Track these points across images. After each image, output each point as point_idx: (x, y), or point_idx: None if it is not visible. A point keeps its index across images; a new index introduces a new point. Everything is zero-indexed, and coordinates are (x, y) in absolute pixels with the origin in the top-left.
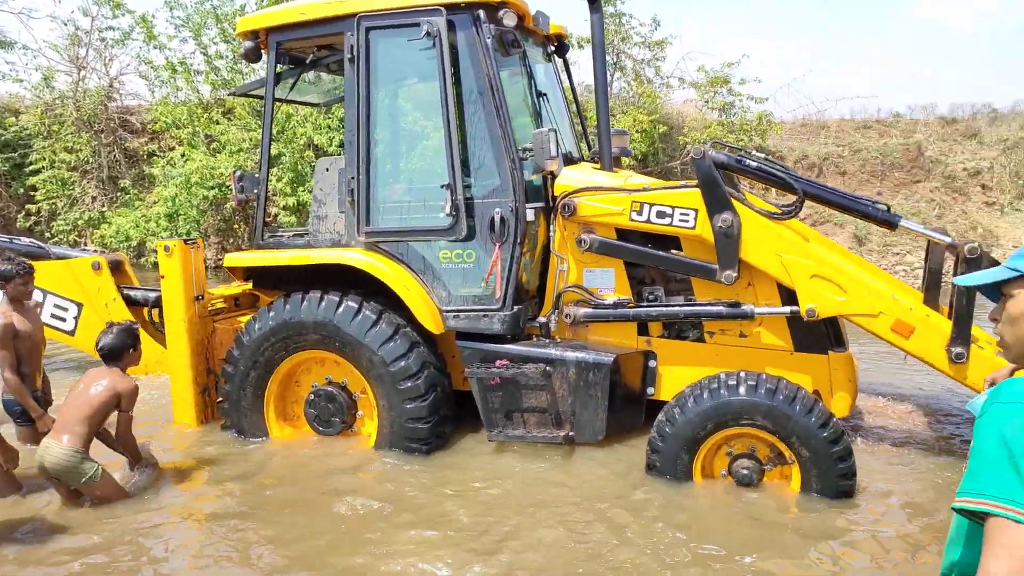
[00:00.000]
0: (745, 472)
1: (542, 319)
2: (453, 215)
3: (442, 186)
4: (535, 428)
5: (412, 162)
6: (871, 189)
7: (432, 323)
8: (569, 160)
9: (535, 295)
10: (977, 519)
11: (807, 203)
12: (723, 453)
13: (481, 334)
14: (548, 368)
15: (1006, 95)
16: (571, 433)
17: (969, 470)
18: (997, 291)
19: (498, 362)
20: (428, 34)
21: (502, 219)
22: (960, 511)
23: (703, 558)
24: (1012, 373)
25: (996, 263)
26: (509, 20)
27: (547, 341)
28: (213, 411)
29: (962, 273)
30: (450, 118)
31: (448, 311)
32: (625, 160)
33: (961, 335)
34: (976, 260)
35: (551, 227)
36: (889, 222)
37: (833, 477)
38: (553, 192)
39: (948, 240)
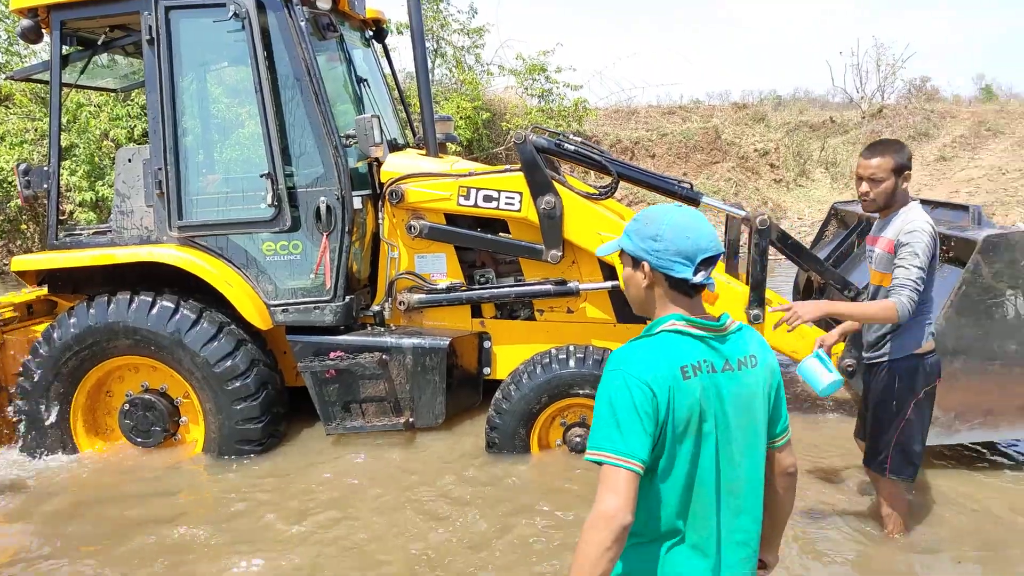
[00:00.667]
0: (578, 440)
1: (376, 308)
2: (275, 205)
3: (262, 175)
4: (374, 418)
5: (228, 151)
6: (678, 170)
7: (259, 319)
8: (394, 147)
9: (367, 284)
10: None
11: (622, 184)
12: (557, 424)
13: (313, 327)
14: (384, 356)
15: (788, 83)
16: (411, 419)
17: (591, 429)
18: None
19: (332, 354)
20: (236, 15)
21: (328, 208)
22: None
23: (539, 522)
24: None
25: (785, 234)
26: (323, 3)
27: (382, 329)
28: (11, 432)
29: (755, 243)
30: (266, 105)
31: (276, 305)
32: (451, 146)
33: (757, 299)
34: (766, 230)
35: (380, 214)
36: (693, 199)
37: None
38: (380, 179)
39: (743, 214)
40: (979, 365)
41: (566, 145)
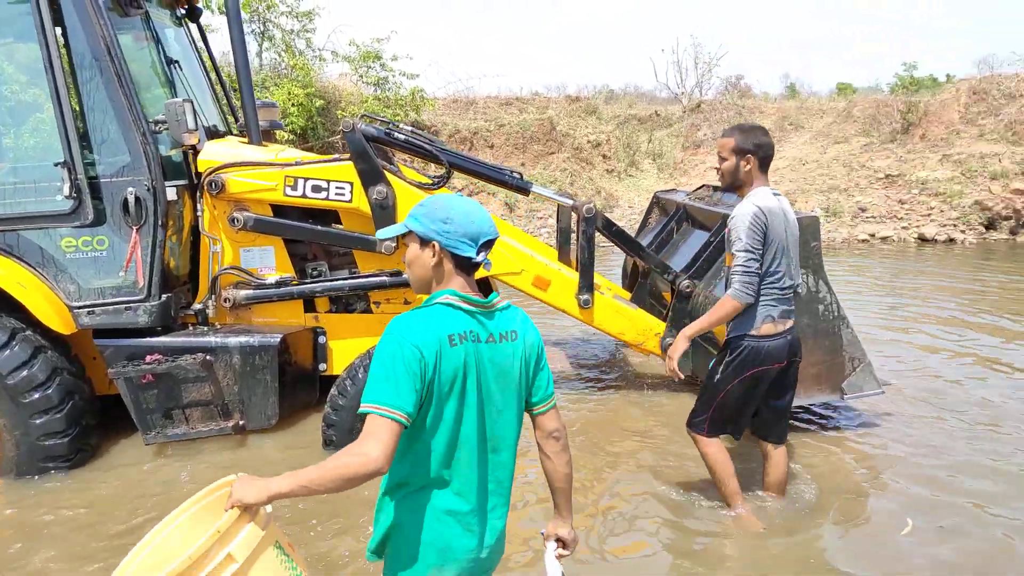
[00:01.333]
0: None
1: (198, 306)
2: (75, 197)
3: (57, 164)
4: (200, 423)
5: (26, 137)
6: (516, 160)
7: (59, 323)
8: (214, 134)
9: (187, 281)
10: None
11: (463, 175)
12: None
13: (126, 329)
14: (209, 357)
15: (620, 78)
16: (242, 422)
17: (365, 386)
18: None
19: (148, 358)
20: None
21: (137, 199)
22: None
23: None
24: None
25: (610, 221)
26: None
27: (206, 329)
28: None
29: (583, 230)
30: (58, 86)
31: (80, 307)
32: (282, 135)
33: (586, 284)
34: (592, 218)
35: (198, 206)
36: (523, 188)
37: None
38: (197, 168)
39: (570, 202)
40: None
41: (396, 134)
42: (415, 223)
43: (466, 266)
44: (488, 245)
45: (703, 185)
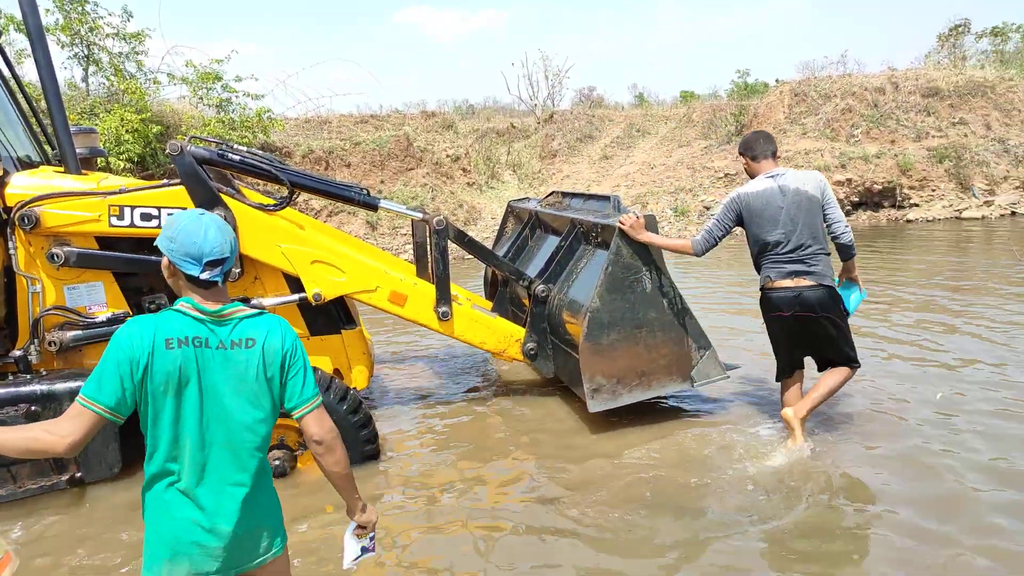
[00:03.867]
0: (278, 463)
1: (17, 352)
2: None
3: None
4: (29, 480)
5: None
6: (375, 178)
7: None
8: (27, 165)
9: (3, 326)
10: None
11: (321, 197)
12: None
13: None
14: (34, 408)
15: (479, 93)
16: (79, 474)
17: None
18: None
19: None
20: None
21: None
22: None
23: None
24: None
25: (462, 233)
26: None
27: (28, 377)
28: None
29: (435, 243)
30: None
31: None
32: (118, 164)
33: (443, 296)
34: (443, 230)
35: (10, 244)
36: (370, 204)
37: (358, 445)
38: (5, 203)
39: (420, 216)
40: (629, 334)
41: (230, 155)
42: (160, 238)
43: (196, 281)
44: (215, 264)
45: (552, 192)
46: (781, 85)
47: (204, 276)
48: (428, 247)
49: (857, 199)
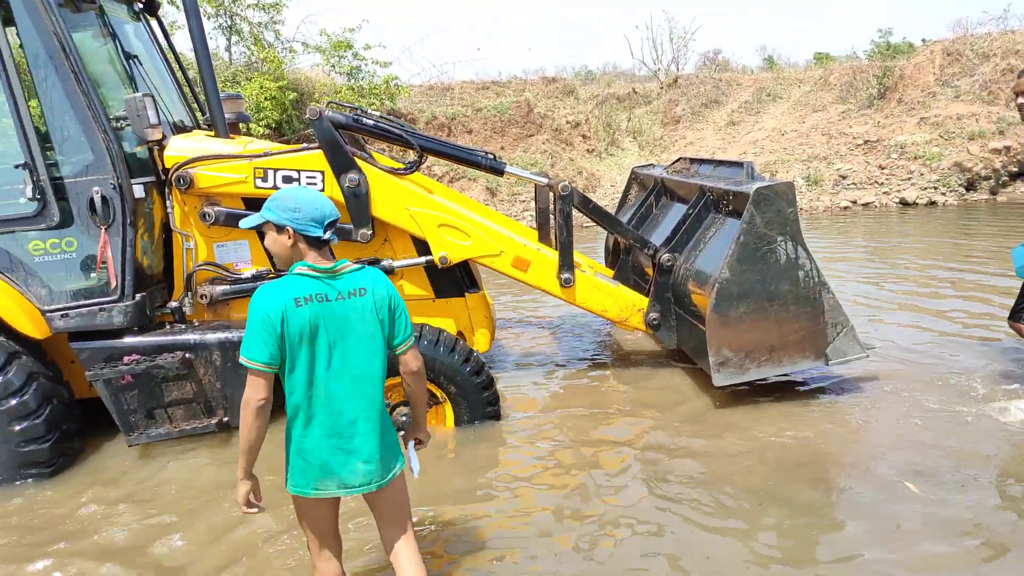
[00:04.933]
0: (404, 418)
1: (174, 304)
2: (39, 199)
3: (17, 166)
4: (183, 421)
5: None
6: (495, 144)
7: (33, 327)
8: (181, 129)
9: (162, 279)
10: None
11: (443, 161)
12: None
13: (101, 331)
14: (188, 355)
15: (598, 58)
16: (226, 419)
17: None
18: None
19: (127, 358)
20: None
21: (104, 199)
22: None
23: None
24: None
25: (586, 199)
26: None
27: (183, 327)
28: None
29: (560, 209)
30: (12, 86)
31: (53, 311)
32: (257, 129)
33: (566, 263)
34: (568, 196)
35: (168, 203)
36: (496, 169)
37: (480, 406)
38: (164, 164)
39: (545, 181)
40: (760, 306)
41: (364, 120)
42: (271, 214)
43: (317, 243)
44: (332, 225)
45: (679, 159)
46: (932, 44)
47: (326, 236)
48: (552, 213)
49: (1016, 169)
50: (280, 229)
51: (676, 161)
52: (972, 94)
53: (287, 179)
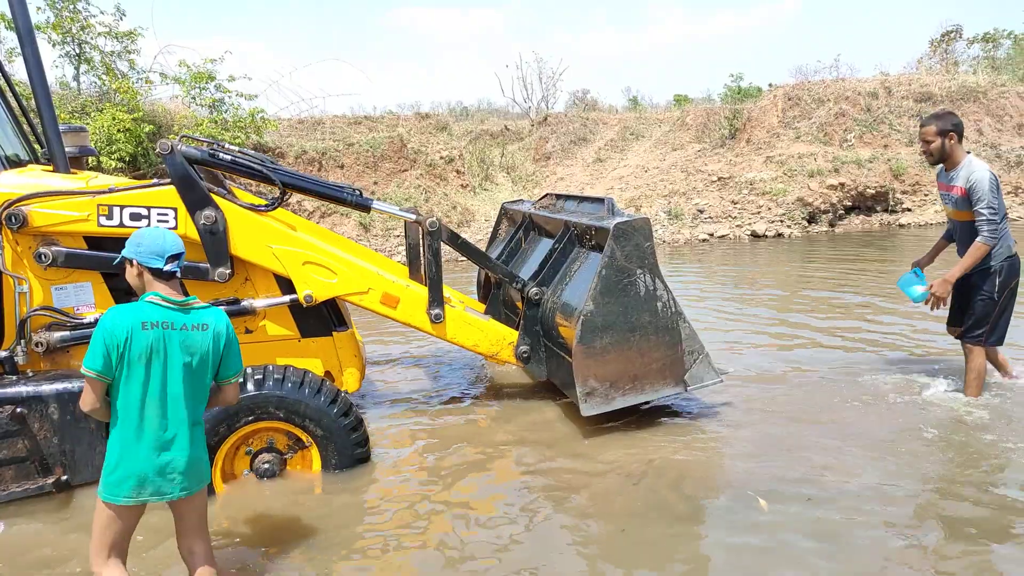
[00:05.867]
0: (267, 466)
1: (3, 353)
2: None
3: None
4: (14, 483)
5: None
6: (369, 179)
7: None
8: (16, 164)
9: None
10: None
11: (313, 198)
12: (243, 453)
13: None
14: (20, 409)
15: (473, 96)
16: (64, 477)
17: None
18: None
19: None
20: None
21: None
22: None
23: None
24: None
25: (455, 234)
26: None
27: (15, 378)
28: None
29: (428, 244)
30: None
31: None
32: (110, 163)
33: (436, 299)
34: (436, 232)
35: None
36: (363, 205)
37: (349, 448)
38: None
39: (413, 217)
40: (623, 337)
41: (221, 154)
42: (124, 249)
43: (162, 275)
44: (175, 258)
45: (546, 195)
46: (775, 89)
47: (167, 268)
48: (421, 249)
49: (850, 203)
50: (130, 262)
51: (543, 197)
52: (811, 135)
53: (136, 216)
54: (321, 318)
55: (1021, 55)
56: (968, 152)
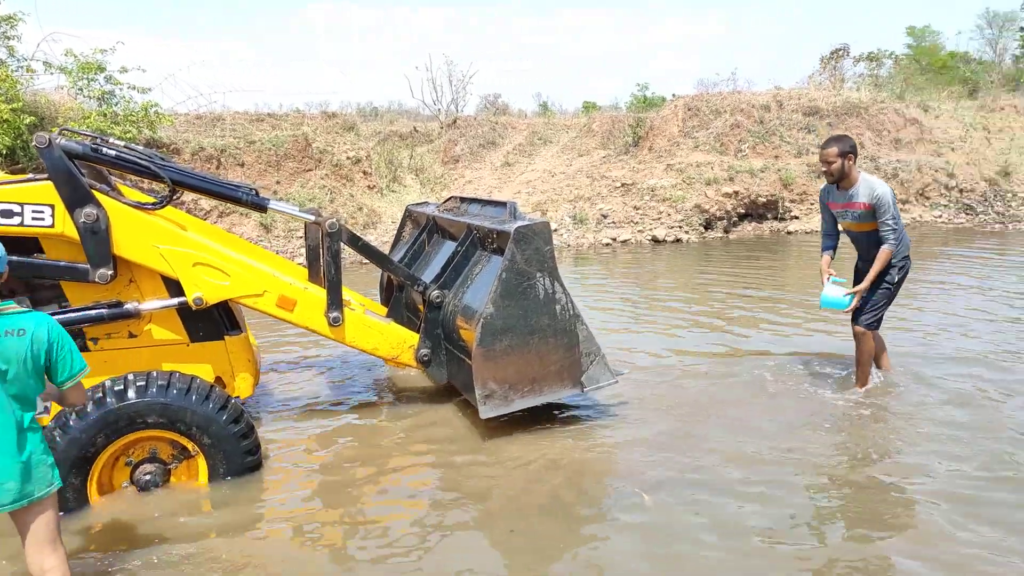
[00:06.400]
0: (148, 477)
1: None
2: None
3: None
4: None
5: None
6: (271, 178)
7: None
8: None
9: None
10: None
11: (207, 197)
12: (122, 464)
13: None
14: None
15: (384, 96)
16: None
17: None
18: None
19: None
20: None
21: None
22: None
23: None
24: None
25: (355, 236)
26: None
27: None
28: None
29: (328, 246)
30: None
31: None
32: None
33: (334, 301)
34: (336, 233)
35: None
36: (259, 205)
37: (239, 457)
38: None
39: (312, 218)
40: (522, 340)
41: (105, 150)
42: None
43: None
44: None
45: (451, 198)
46: (676, 100)
47: None
48: (321, 251)
49: (743, 211)
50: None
51: (448, 200)
52: (708, 145)
53: (7, 213)
54: (212, 322)
55: (900, 74)
56: (860, 170)
